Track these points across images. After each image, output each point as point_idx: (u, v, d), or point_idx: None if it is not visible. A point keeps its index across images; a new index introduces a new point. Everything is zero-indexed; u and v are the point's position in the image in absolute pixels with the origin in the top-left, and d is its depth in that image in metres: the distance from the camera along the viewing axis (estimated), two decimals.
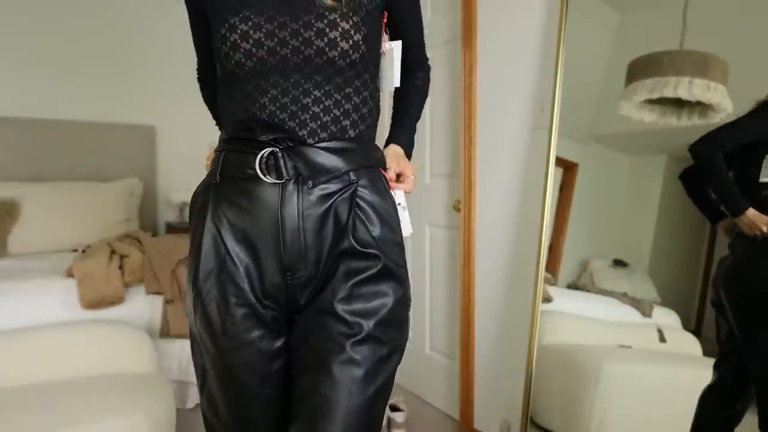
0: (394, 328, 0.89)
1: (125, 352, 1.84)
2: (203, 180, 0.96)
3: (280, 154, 0.85)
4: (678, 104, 1.46)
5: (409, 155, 1.09)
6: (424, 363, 2.54)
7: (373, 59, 0.95)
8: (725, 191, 1.35)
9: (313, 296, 0.91)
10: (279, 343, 0.91)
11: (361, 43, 0.87)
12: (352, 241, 0.88)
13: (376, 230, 0.90)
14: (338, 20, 0.85)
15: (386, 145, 1.09)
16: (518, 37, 1.95)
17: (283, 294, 0.90)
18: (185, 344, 2.20)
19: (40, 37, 3.26)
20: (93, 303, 2.02)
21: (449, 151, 2.35)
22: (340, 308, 0.86)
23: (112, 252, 2.25)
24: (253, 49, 0.85)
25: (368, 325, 0.86)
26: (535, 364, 1.74)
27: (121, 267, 2.17)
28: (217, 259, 0.89)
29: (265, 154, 0.86)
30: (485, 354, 2.13)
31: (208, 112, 1.18)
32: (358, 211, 0.89)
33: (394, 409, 2.22)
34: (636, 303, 1.58)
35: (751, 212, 1.28)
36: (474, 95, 2.10)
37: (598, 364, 1.60)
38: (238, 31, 0.84)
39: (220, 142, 0.95)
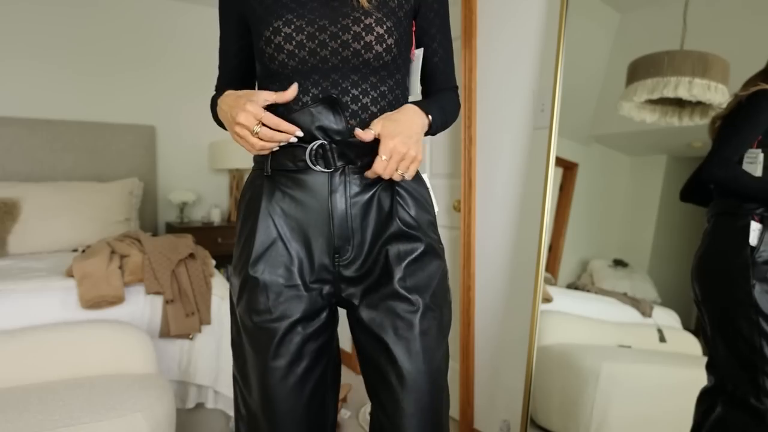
0: (444, 298, 1.00)
1: (125, 352, 1.84)
2: (251, 173, 1.04)
3: (328, 146, 0.92)
4: (679, 104, 1.46)
5: (432, 127, 0.99)
6: None
7: (404, 62, 1.01)
8: (765, 191, 1.29)
9: (359, 275, 0.98)
10: (316, 326, 0.99)
11: (393, 46, 0.94)
12: (399, 223, 0.97)
13: (414, 212, 0.99)
14: (373, 25, 0.92)
15: None
16: (518, 37, 1.95)
17: (330, 274, 0.98)
18: (185, 344, 2.20)
19: (40, 37, 3.26)
20: (93, 303, 2.02)
21: (449, 151, 2.35)
22: (401, 288, 0.95)
23: (112, 252, 2.25)
24: (296, 50, 0.92)
25: (425, 298, 0.96)
26: (535, 364, 1.74)
27: (121, 267, 2.17)
28: (271, 246, 0.97)
29: (315, 146, 0.93)
30: (485, 354, 2.13)
31: (209, 111, 1.20)
32: (398, 198, 0.98)
33: None
34: (636, 303, 1.58)
35: None
36: (474, 95, 2.10)
37: (597, 364, 1.60)
38: (282, 34, 0.91)
39: None
